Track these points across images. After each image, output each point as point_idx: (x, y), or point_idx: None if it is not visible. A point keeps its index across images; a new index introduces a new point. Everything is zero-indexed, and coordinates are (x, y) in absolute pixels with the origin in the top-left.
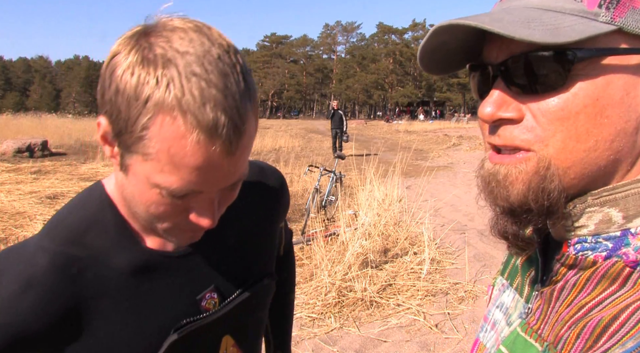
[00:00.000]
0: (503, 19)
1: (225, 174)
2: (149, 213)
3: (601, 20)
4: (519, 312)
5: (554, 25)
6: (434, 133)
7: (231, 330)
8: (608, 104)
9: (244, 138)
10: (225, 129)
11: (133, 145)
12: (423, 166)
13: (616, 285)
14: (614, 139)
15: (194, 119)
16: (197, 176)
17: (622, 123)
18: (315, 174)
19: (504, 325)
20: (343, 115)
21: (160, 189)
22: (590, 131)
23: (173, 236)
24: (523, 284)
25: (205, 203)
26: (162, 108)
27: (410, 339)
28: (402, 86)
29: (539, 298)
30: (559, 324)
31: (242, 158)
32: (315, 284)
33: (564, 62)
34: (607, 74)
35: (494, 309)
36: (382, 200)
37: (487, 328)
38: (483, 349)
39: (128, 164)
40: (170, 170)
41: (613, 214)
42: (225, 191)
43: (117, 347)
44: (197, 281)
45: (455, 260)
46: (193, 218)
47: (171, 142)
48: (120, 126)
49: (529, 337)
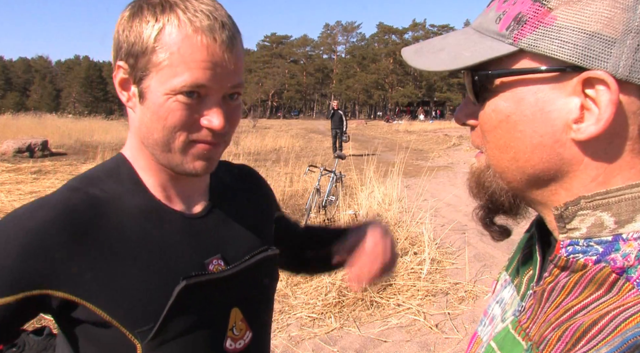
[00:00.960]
0: (422, 48)
1: (227, 72)
2: (166, 127)
3: (507, 42)
4: (513, 309)
5: (457, 53)
6: (434, 133)
7: (239, 302)
8: (520, 120)
9: (237, 44)
10: (221, 32)
11: (148, 63)
12: (423, 166)
13: (602, 291)
14: (532, 151)
15: (196, 25)
16: (204, 69)
17: (537, 137)
18: (316, 174)
19: (499, 321)
20: (343, 115)
21: (175, 94)
22: (508, 143)
23: (189, 154)
24: (521, 282)
25: (214, 105)
26: (169, 21)
27: (411, 339)
28: (402, 86)
29: (532, 297)
30: (545, 325)
31: (238, 60)
32: (316, 284)
33: (473, 82)
34: (518, 92)
35: (494, 304)
36: (382, 200)
37: (485, 323)
38: (480, 343)
39: (145, 88)
40: (182, 69)
41: (605, 219)
42: (229, 102)
43: (128, 292)
44: (204, 246)
45: (455, 260)
46: (205, 123)
47: (180, 43)
48: (136, 52)
49: (517, 335)
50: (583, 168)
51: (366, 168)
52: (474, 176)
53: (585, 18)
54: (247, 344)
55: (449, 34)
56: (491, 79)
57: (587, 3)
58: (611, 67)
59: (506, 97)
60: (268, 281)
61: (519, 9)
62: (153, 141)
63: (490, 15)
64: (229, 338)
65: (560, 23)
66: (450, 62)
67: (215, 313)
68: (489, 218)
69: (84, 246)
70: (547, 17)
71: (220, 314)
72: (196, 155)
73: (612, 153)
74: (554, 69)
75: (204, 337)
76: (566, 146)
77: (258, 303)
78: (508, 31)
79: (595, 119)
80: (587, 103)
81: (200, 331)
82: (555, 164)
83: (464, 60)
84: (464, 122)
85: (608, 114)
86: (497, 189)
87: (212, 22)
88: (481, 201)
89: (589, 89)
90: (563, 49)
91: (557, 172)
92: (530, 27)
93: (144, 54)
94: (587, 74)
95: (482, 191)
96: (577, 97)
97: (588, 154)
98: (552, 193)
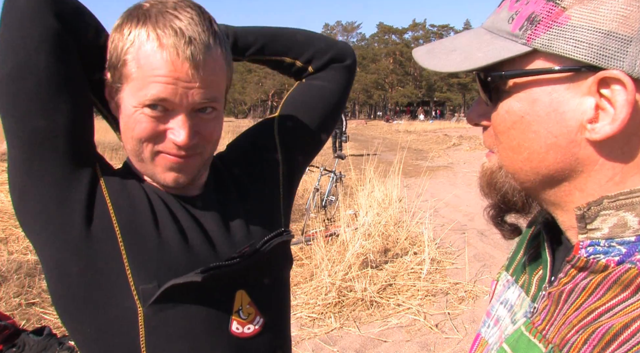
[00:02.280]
0: (434, 49)
1: (191, 87)
2: (134, 138)
3: (520, 42)
4: (524, 311)
5: (469, 53)
6: (434, 133)
7: (245, 284)
8: (534, 120)
9: (208, 59)
10: (186, 48)
11: (122, 76)
12: (423, 166)
13: (628, 292)
14: (547, 152)
15: (162, 41)
16: (166, 84)
17: (552, 138)
18: (315, 174)
19: (508, 323)
20: (343, 115)
21: (141, 107)
22: (521, 144)
23: (158, 165)
24: (530, 282)
25: (180, 121)
26: (139, 36)
27: (411, 339)
28: (402, 86)
29: (546, 298)
30: (566, 327)
31: (210, 75)
32: (316, 284)
33: (485, 83)
34: (532, 93)
35: (497, 305)
36: (382, 200)
37: (489, 324)
38: (485, 345)
39: (120, 99)
40: (146, 83)
41: (629, 219)
42: (199, 116)
43: (149, 248)
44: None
45: (455, 260)
46: (171, 137)
47: (146, 58)
48: (114, 64)
49: (532, 337)
50: (599, 168)
51: (366, 168)
52: (485, 176)
53: (600, 17)
54: (257, 330)
55: (460, 34)
56: (505, 79)
57: (601, 2)
58: (627, 67)
59: (520, 97)
60: (282, 266)
61: (532, 9)
62: (129, 151)
63: (503, 15)
64: (234, 322)
65: (575, 22)
66: (463, 63)
67: (219, 294)
68: (500, 217)
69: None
70: (561, 16)
71: (224, 295)
72: (166, 167)
73: (629, 152)
74: (569, 69)
75: (207, 315)
76: (581, 146)
77: (270, 289)
78: (521, 31)
79: (611, 119)
80: (602, 103)
81: (203, 308)
82: (570, 164)
83: (477, 61)
84: (476, 123)
85: (624, 114)
86: (509, 189)
87: (179, 38)
88: (492, 201)
89: (604, 88)
90: (578, 48)
91: (572, 172)
92: (544, 27)
93: (118, 66)
94: (602, 74)
95: (493, 191)
96: (592, 97)
97: (604, 154)
98: (565, 193)
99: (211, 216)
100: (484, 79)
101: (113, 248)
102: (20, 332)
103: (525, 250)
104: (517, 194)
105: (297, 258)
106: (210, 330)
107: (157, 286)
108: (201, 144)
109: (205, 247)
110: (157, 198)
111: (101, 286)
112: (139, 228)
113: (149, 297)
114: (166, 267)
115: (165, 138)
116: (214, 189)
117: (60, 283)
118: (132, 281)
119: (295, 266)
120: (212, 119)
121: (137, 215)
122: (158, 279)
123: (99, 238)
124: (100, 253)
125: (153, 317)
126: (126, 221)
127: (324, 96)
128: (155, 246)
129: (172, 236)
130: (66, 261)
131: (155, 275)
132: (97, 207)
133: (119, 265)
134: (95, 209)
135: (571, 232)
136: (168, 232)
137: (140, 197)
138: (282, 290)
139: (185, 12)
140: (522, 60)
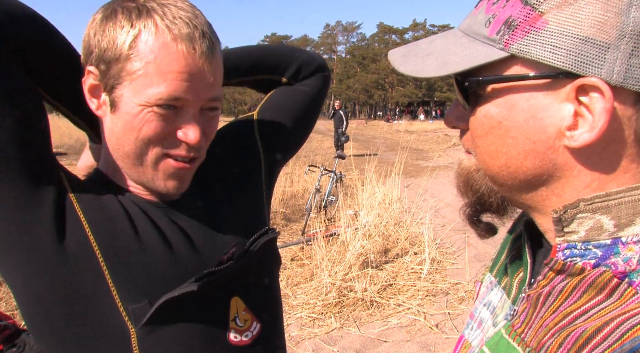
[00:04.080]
0: (410, 52)
1: (206, 84)
2: (139, 139)
3: (497, 47)
4: (505, 313)
5: (446, 58)
6: (434, 133)
7: (239, 290)
8: (512, 126)
9: (216, 55)
10: (202, 41)
11: (122, 71)
12: (423, 166)
13: (602, 295)
14: (524, 158)
15: (174, 33)
16: (181, 81)
17: (530, 144)
18: (316, 174)
19: (490, 325)
20: (343, 115)
21: (150, 106)
22: (499, 150)
23: (160, 171)
24: (511, 284)
25: (191, 118)
26: (145, 28)
27: (411, 339)
28: (403, 86)
29: (525, 301)
30: (542, 330)
31: (217, 72)
32: (316, 284)
33: (463, 87)
34: (511, 98)
35: (480, 307)
36: (382, 200)
37: (473, 326)
38: (468, 347)
39: (117, 97)
40: (158, 80)
41: (604, 222)
42: (204, 114)
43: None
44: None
45: (455, 260)
46: (181, 136)
47: (157, 52)
48: (109, 59)
49: (512, 340)
50: (576, 174)
51: (366, 168)
52: (462, 176)
53: (578, 22)
54: (255, 336)
55: (436, 36)
56: (482, 85)
57: (579, 7)
58: (605, 74)
59: (498, 103)
60: (271, 265)
61: (509, 13)
62: (123, 153)
63: (479, 18)
64: (232, 330)
65: (552, 28)
66: (439, 67)
67: (213, 304)
68: (476, 216)
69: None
70: (538, 21)
71: (219, 304)
72: (168, 173)
73: (607, 159)
74: (547, 76)
75: (204, 327)
76: (559, 152)
77: (263, 291)
78: (498, 36)
79: (589, 126)
80: (581, 110)
81: (198, 321)
82: (548, 170)
83: (454, 66)
84: (454, 126)
85: (602, 122)
86: (486, 191)
87: (192, 30)
88: (468, 200)
89: (582, 96)
90: (556, 55)
91: (549, 178)
92: (522, 32)
93: (117, 61)
94: (581, 82)
95: (470, 191)
96: (571, 104)
97: (581, 161)
98: (542, 197)
99: (194, 221)
100: (461, 83)
101: (93, 269)
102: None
103: (508, 252)
104: (493, 196)
105: (297, 258)
106: (208, 343)
107: (149, 304)
108: (204, 145)
109: (192, 255)
110: (136, 208)
111: (85, 311)
112: (119, 244)
113: (141, 317)
114: (155, 283)
115: (173, 139)
116: (195, 191)
117: (37, 314)
118: (120, 301)
119: (296, 266)
120: (214, 117)
121: (116, 230)
122: (148, 296)
123: (75, 259)
124: (79, 275)
125: (147, 337)
126: (105, 238)
127: (305, 102)
128: (140, 261)
129: (156, 248)
130: (40, 289)
131: (144, 292)
132: (69, 225)
133: (103, 285)
134: (67, 228)
135: (550, 234)
136: (151, 245)
137: (116, 210)
138: (275, 291)
139: (183, 4)
140: (500, 65)
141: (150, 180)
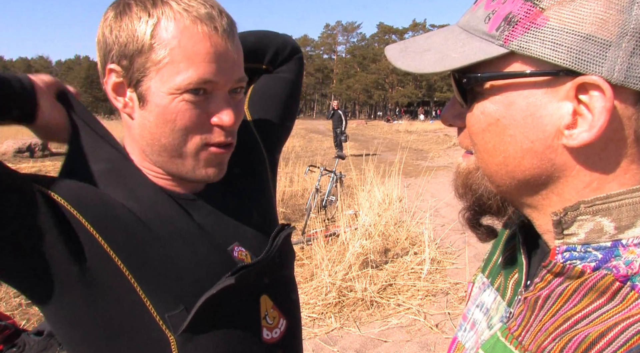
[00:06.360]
0: (408, 48)
1: (232, 63)
2: (176, 130)
3: (497, 43)
4: (500, 315)
5: (444, 53)
6: (434, 133)
7: (266, 288)
8: (510, 124)
9: (236, 32)
10: (221, 19)
11: (147, 62)
12: (423, 166)
13: (604, 299)
14: (522, 156)
15: (193, 15)
16: (209, 63)
17: (528, 143)
18: (316, 174)
19: (485, 328)
20: (342, 115)
21: (181, 93)
22: (497, 147)
23: (202, 160)
24: (506, 286)
25: (222, 101)
26: (164, 15)
27: (411, 339)
28: (403, 86)
29: (521, 303)
30: (542, 334)
31: (239, 50)
32: (316, 284)
33: (460, 84)
34: (509, 96)
35: (473, 308)
36: (382, 200)
37: (466, 328)
38: (462, 349)
39: (145, 90)
40: (186, 65)
41: (605, 224)
42: (234, 97)
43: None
44: (218, 234)
45: (455, 260)
46: (216, 120)
47: (180, 36)
48: (131, 53)
49: (509, 343)
50: (575, 173)
51: (366, 167)
52: (461, 177)
53: (579, 19)
54: (283, 332)
55: (434, 32)
56: (480, 82)
57: (581, 4)
58: (606, 72)
59: (496, 100)
60: (289, 261)
61: (510, 9)
62: (160, 147)
63: (479, 14)
64: (264, 328)
65: (553, 24)
66: (437, 63)
67: (245, 303)
68: (475, 219)
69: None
70: (539, 18)
71: (250, 303)
72: (208, 161)
73: (606, 158)
74: (547, 73)
75: (240, 328)
76: (558, 151)
77: (284, 286)
78: (498, 32)
79: (589, 125)
80: (580, 109)
81: (233, 322)
82: (547, 170)
83: (452, 62)
84: (451, 124)
85: (602, 122)
86: (484, 192)
87: (210, 10)
88: (467, 203)
89: (582, 94)
90: (556, 52)
91: (549, 178)
92: (522, 29)
93: (140, 53)
94: (581, 80)
95: (469, 193)
96: (570, 102)
97: (581, 160)
98: (542, 197)
99: (213, 217)
100: (459, 79)
101: (121, 284)
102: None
103: (501, 252)
104: (492, 198)
105: (297, 258)
106: (246, 343)
107: (185, 310)
108: (236, 129)
109: (218, 253)
110: (150, 207)
111: (122, 329)
112: (142, 254)
113: (179, 323)
114: (187, 287)
115: (208, 125)
116: (220, 185)
117: (75, 337)
118: (155, 312)
119: (296, 266)
120: (241, 100)
121: (135, 237)
122: (183, 301)
123: (100, 280)
124: (110, 294)
125: (187, 343)
126: (124, 248)
127: (287, 87)
128: (167, 267)
129: (179, 251)
130: (74, 316)
131: (179, 297)
132: (86, 245)
133: (135, 298)
134: (86, 249)
135: (548, 236)
136: (174, 246)
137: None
138: (294, 287)
139: None
140: (499, 62)
141: (190, 170)
